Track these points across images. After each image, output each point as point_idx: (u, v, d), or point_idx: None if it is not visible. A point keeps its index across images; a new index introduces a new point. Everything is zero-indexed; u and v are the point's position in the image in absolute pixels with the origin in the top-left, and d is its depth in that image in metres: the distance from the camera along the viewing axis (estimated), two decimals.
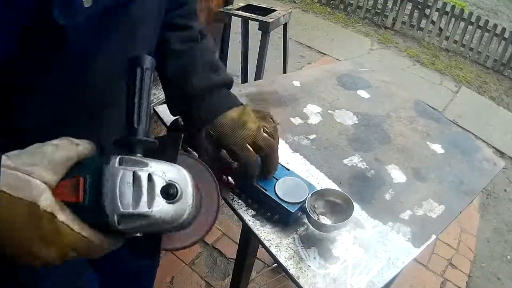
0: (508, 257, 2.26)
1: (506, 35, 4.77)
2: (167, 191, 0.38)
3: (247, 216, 0.70)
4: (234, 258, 1.27)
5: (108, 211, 0.36)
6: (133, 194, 0.37)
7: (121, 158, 0.38)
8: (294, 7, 5.16)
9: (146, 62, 0.43)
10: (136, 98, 0.42)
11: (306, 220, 0.69)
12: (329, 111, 1.03)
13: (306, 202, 0.67)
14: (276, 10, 2.12)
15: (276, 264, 0.92)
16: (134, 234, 0.39)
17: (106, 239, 0.39)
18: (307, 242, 0.67)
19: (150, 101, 0.44)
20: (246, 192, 0.71)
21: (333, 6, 5.47)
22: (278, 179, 0.69)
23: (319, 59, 3.92)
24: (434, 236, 0.74)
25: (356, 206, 0.76)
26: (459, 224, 2.28)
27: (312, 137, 0.93)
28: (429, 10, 5.12)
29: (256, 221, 0.69)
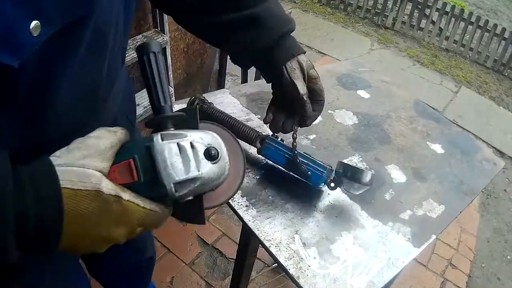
0: (508, 257, 2.26)
1: (506, 35, 4.77)
2: (210, 154, 0.43)
3: (247, 216, 0.70)
4: (234, 258, 1.27)
5: (165, 182, 0.40)
6: (182, 163, 0.41)
7: (162, 134, 0.42)
8: (294, 7, 5.16)
9: (154, 47, 0.46)
10: (156, 80, 0.46)
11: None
12: (329, 111, 1.03)
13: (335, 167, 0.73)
14: None
15: (276, 264, 0.92)
16: (188, 197, 0.43)
17: (167, 209, 0.43)
18: (307, 242, 0.67)
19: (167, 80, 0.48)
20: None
21: (333, 6, 5.47)
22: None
23: (319, 59, 3.92)
24: (434, 236, 0.74)
25: (356, 206, 0.76)
26: (459, 224, 2.28)
27: (312, 137, 0.93)
28: (429, 10, 5.12)
29: (256, 221, 0.69)
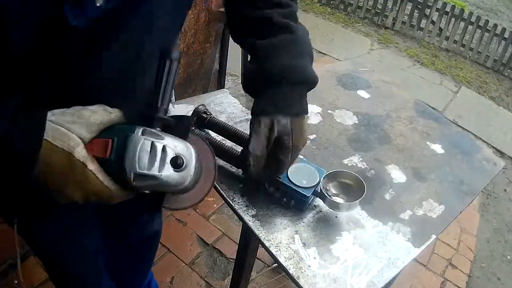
0: (508, 257, 2.26)
1: (506, 35, 4.76)
2: (175, 161, 0.47)
3: (247, 216, 0.70)
4: (234, 258, 1.27)
5: (127, 169, 0.45)
6: (148, 159, 0.46)
7: (143, 129, 0.47)
8: None
9: (174, 55, 0.51)
10: (163, 83, 0.50)
11: (319, 203, 0.72)
12: (329, 111, 1.03)
13: (320, 184, 0.71)
14: None
15: (276, 264, 0.92)
16: (144, 191, 0.48)
17: (121, 192, 0.48)
18: (307, 242, 0.67)
19: (173, 88, 0.52)
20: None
21: (333, 6, 5.47)
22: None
23: (319, 59, 3.92)
24: (434, 236, 0.74)
25: (355, 206, 0.76)
26: (459, 224, 2.28)
27: (312, 137, 0.93)
28: (429, 10, 5.12)
29: (256, 221, 0.69)
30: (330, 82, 1.17)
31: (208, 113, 0.85)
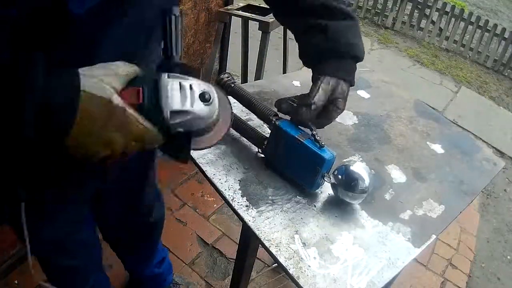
0: (508, 257, 2.26)
1: (506, 35, 4.77)
2: (204, 96, 0.52)
3: (247, 216, 0.70)
4: (234, 258, 1.27)
5: (163, 108, 0.49)
6: (180, 97, 0.50)
7: (167, 73, 0.51)
8: None
9: (176, 11, 0.55)
10: (173, 36, 0.54)
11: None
12: None
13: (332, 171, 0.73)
14: None
15: (276, 264, 0.92)
16: (179, 129, 0.51)
17: (158, 134, 0.51)
18: (307, 242, 0.67)
19: (181, 38, 0.58)
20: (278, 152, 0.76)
21: None
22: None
23: None
24: (434, 236, 0.74)
25: (356, 206, 0.76)
26: (459, 224, 2.28)
27: None
28: (429, 10, 5.12)
29: (256, 221, 0.69)
30: None
31: (233, 81, 0.85)
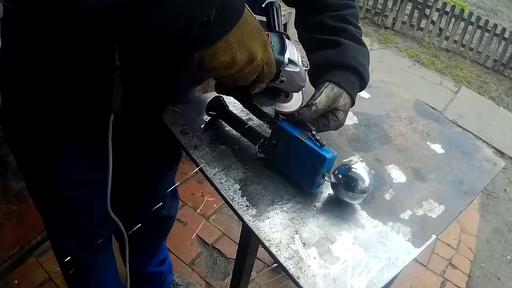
0: (508, 257, 2.26)
1: (506, 35, 4.77)
2: (303, 62, 0.69)
3: (247, 216, 0.70)
4: (234, 258, 1.27)
5: (286, 54, 0.65)
6: (296, 55, 0.66)
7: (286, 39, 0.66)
8: None
9: (277, 4, 0.71)
10: (276, 20, 0.70)
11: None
12: None
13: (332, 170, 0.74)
14: None
15: (276, 264, 0.92)
16: (284, 77, 0.66)
17: (274, 69, 0.63)
18: (307, 242, 0.67)
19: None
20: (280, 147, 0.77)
21: None
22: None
23: None
24: (434, 236, 0.74)
25: (356, 206, 0.76)
26: (459, 224, 2.28)
27: None
28: (429, 10, 5.12)
29: (256, 221, 0.69)
30: None
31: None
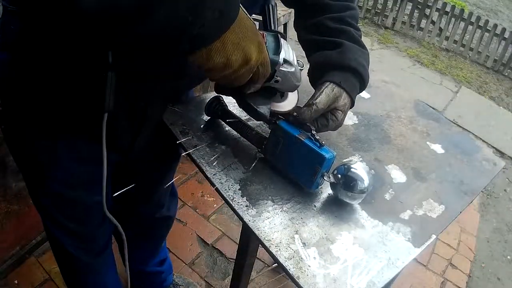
0: (508, 257, 2.26)
1: (506, 35, 4.77)
2: (298, 63, 0.69)
3: (247, 216, 0.70)
4: (234, 258, 1.27)
5: (281, 53, 0.65)
6: (292, 55, 0.67)
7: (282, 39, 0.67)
8: None
9: (273, 2, 0.72)
10: (272, 19, 0.72)
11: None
12: None
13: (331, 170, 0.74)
14: None
15: (276, 264, 0.92)
16: (278, 77, 0.67)
17: (269, 70, 0.63)
18: (307, 242, 0.67)
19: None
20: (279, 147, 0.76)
21: None
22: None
23: None
24: (434, 236, 0.74)
25: (356, 206, 0.76)
26: (459, 224, 2.28)
27: None
28: (429, 10, 5.12)
29: (256, 221, 0.69)
30: None
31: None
